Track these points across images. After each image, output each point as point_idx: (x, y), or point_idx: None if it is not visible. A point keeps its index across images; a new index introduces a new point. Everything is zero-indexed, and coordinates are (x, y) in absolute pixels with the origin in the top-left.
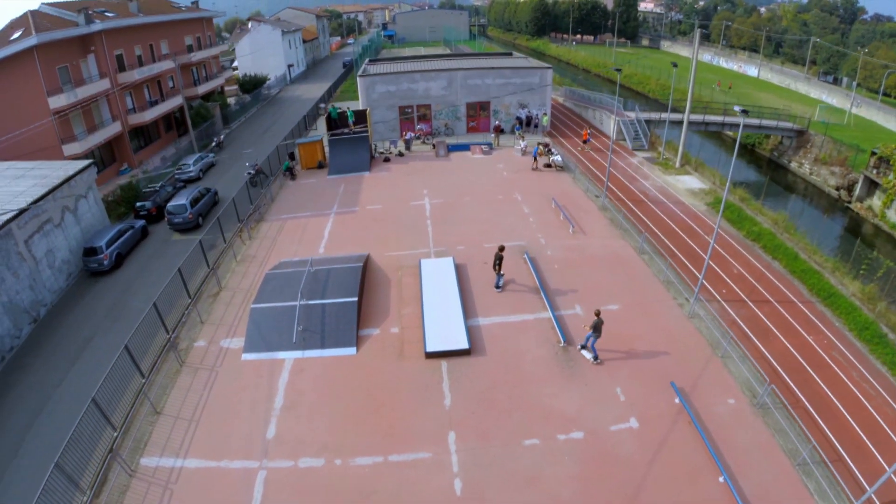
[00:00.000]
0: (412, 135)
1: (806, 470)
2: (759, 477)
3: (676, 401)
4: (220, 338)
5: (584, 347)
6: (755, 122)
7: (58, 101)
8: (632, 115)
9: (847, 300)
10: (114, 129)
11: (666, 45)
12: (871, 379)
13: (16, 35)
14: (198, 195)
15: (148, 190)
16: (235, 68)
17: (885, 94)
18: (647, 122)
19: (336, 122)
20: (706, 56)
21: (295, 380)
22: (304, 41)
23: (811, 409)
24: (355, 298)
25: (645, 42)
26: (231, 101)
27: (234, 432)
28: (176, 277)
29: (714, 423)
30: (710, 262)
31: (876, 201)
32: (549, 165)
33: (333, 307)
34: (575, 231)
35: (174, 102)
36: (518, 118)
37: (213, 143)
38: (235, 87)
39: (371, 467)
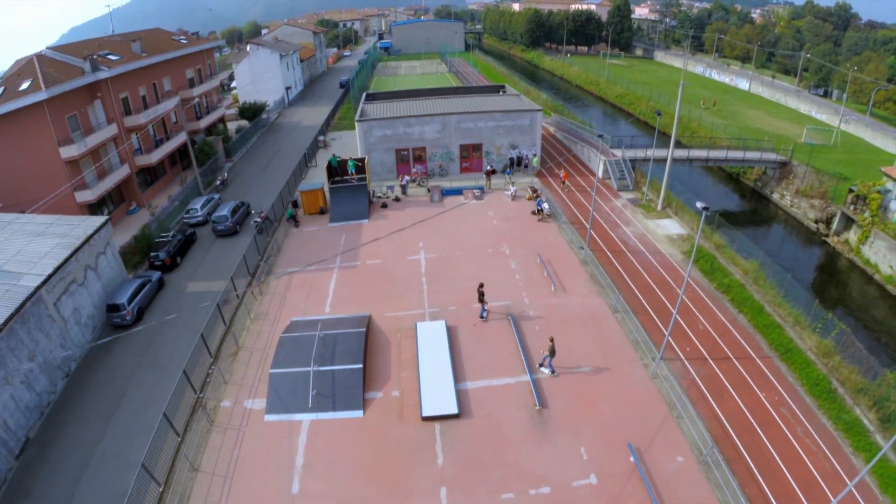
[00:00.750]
0: (408, 178)
1: None
2: None
3: (632, 459)
4: (243, 398)
5: (541, 365)
6: (739, 155)
7: (69, 152)
8: (618, 153)
9: (803, 355)
10: (122, 172)
11: (660, 55)
12: (815, 434)
13: (24, 85)
14: (235, 207)
15: (160, 240)
16: (233, 88)
17: (873, 108)
18: (633, 160)
19: (336, 170)
20: (699, 68)
21: (312, 440)
22: (301, 60)
23: (752, 466)
24: (360, 365)
25: (639, 52)
26: (231, 126)
27: (265, 488)
28: (197, 338)
29: (662, 480)
30: (678, 318)
31: (852, 236)
32: (538, 211)
33: (342, 373)
34: (556, 289)
35: (179, 140)
36: (510, 158)
37: (218, 182)
38: (235, 110)
39: None
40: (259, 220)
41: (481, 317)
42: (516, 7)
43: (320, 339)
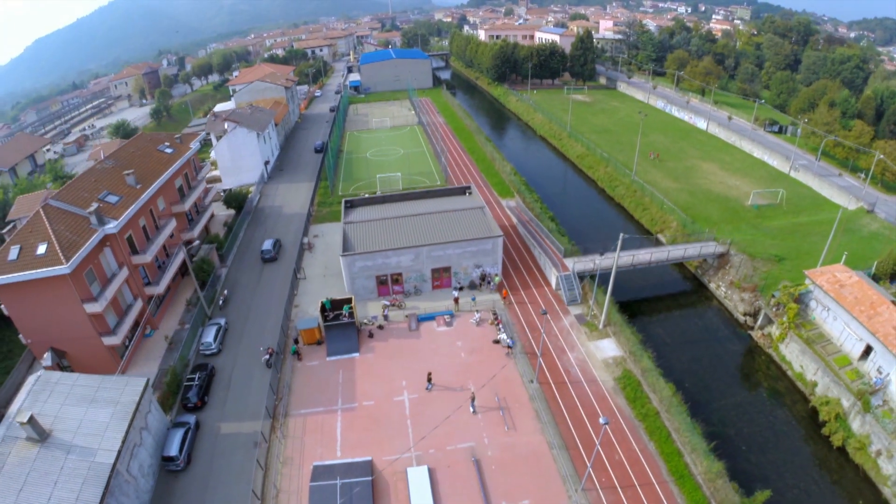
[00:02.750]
0: (387, 303)
1: None
2: None
3: None
4: None
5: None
6: (680, 252)
7: (93, 308)
8: (570, 265)
9: (693, 481)
10: (137, 306)
11: (622, 86)
12: None
13: (41, 250)
14: (275, 242)
15: (188, 383)
16: (214, 163)
17: (824, 149)
18: (583, 272)
19: (329, 310)
20: (659, 103)
21: None
22: (276, 124)
23: None
24: None
25: (602, 80)
26: (219, 215)
27: None
28: (246, 483)
29: None
30: (599, 449)
31: (774, 331)
32: (497, 342)
33: None
34: (509, 429)
35: (178, 259)
36: (476, 277)
37: (220, 301)
38: (217, 189)
39: None
40: (268, 356)
41: (427, 389)
42: (482, 35)
43: (340, 487)
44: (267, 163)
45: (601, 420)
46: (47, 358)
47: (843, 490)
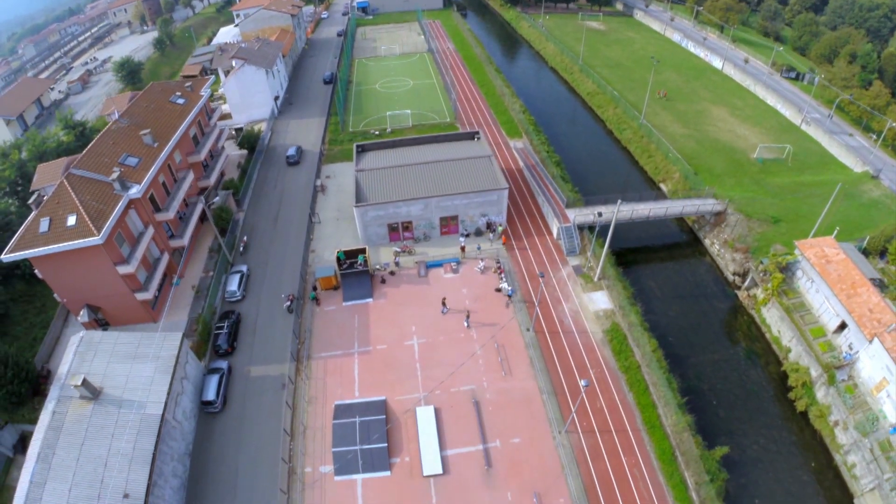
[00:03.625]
0: (399, 250)
1: None
2: None
3: (535, 500)
4: (317, 465)
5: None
6: (678, 208)
7: (125, 269)
8: (571, 217)
9: (661, 431)
10: (164, 260)
11: (639, 15)
12: (652, 489)
13: (71, 221)
14: (297, 148)
15: (217, 331)
16: (221, 96)
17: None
18: (583, 224)
19: (343, 261)
20: (675, 36)
21: (366, 491)
22: (283, 56)
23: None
24: (385, 444)
25: (619, 6)
26: (233, 155)
27: None
28: (276, 421)
29: None
30: (584, 397)
31: (759, 293)
32: (499, 290)
33: (376, 449)
34: (505, 374)
35: (198, 210)
36: (488, 222)
37: (241, 248)
38: (228, 126)
39: None
40: (289, 302)
41: (442, 312)
42: None
43: (359, 425)
44: (276, 98)
45: (582, 383)
46: (84, 314)
47: (798, 451)
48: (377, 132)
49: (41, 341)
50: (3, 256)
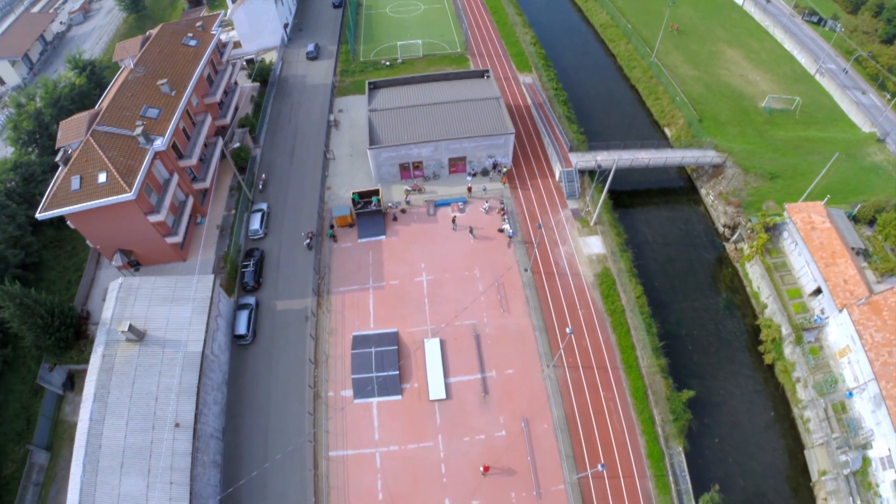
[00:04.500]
0: (410, 189)
1: (568, 459)
2: (544, 459)
3: (522, 425)
4: (339, 389)
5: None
6: (678, 157)
7: (155, 218)
8: (574, 161)
9: (637, 371)
10: (189, 203)
11: None
12: (623, 421)
13: (102, 178)
14: (315, 45)
15: (243, 269)
16: (229, 23)
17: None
18: (584, 169)
19: (358, 202)
20: None
21: (380, 412)
22: None
23: (581, 432)
24: (397, 372)
25: None
26: (245, 87)
27: (360, 439)
28: (301, 351)
29: (535, 436)
30: (572, 336)
31: (745, 248)
32: (501, 230)
33: (389, 376)
34: (504, 311)
35: (218, 150)
36: (494, 163)
37: (260, 185)
38: (239, 58)
39: (415, 449)
40: (308, 240)
41: (453, 229)
42: None
43: (374, 355)
44: (286, 25)
45: (567, 329)
46: (117, 258)
47: (760, 400)
48: (388, 63)
49: (76, 283)
50: (38, 215)
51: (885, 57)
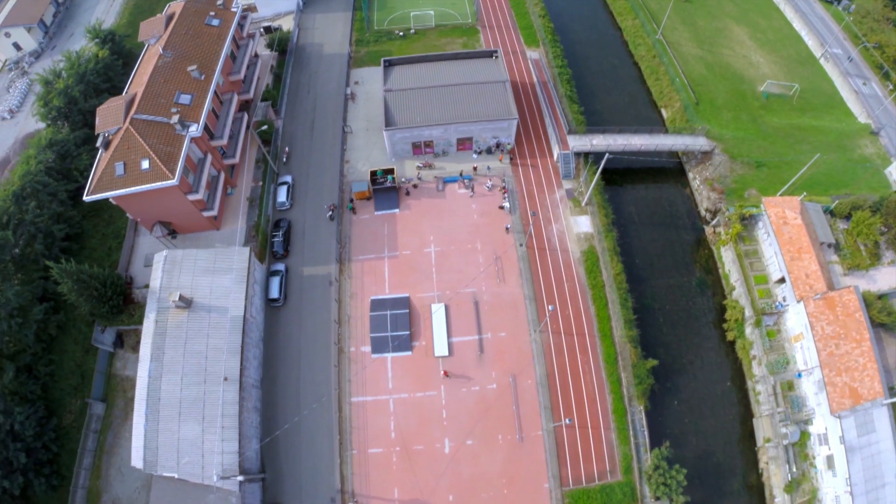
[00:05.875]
0: (421, 165)
1: (546, 410)
2: (527, 409)
3: (510, 379)
4: (359, 346)
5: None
6: (669, 143)
7: (194, 197)
8: (571, 143)
9: (610, 340)
10: (220, 178)
11: None
12: (595, 382)
13: (145, 165)
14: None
15: (273, 239)
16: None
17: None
18: (580, 152)
19: (378, 178)
20: None
21: (394, 365)
22: None
23: (559, 389)
24: (408, 332)
25: None
26: (265, 56)
27: (377, 388)
28: (327, 312)
29: (520, 389)
30: (557, 307)
31: (722, 234)
32: (502, 207)
33: (402, 336)
34: (500, 281)
35: (244, 127)
36: (497, 143)
37: (284, 158)
38: (259, 29)
39: (421, 397)
40: (330, 212)
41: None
42: None
43: (389, 317)
44: None
45: (549, 308)
46: (157, 230)
47: (718, 372)
48: (401, 33)
49: (116, 250)
50: (85, 198)
51: (893, 48)
